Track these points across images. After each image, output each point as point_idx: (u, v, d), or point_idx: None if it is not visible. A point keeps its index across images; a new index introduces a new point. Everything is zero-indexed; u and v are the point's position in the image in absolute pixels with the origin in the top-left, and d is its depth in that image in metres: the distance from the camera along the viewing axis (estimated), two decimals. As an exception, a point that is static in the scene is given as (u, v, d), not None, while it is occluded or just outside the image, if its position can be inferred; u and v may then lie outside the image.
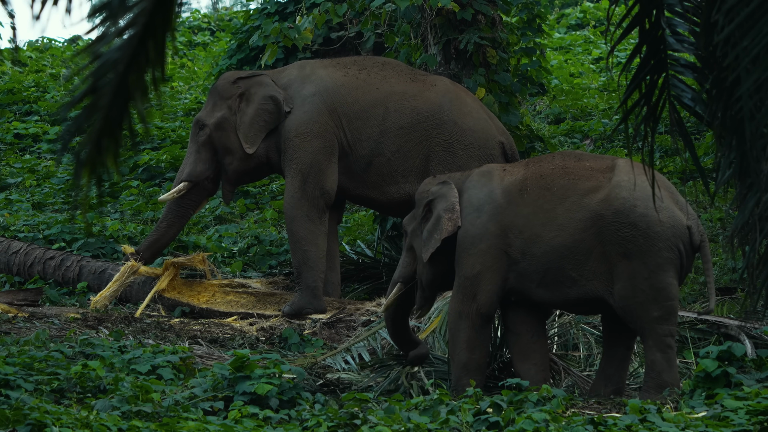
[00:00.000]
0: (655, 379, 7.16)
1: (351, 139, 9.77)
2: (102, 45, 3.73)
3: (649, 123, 5.38)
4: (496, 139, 9.80)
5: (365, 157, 9.77)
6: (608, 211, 7.20)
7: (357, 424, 6.18)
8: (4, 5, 4.05)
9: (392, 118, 9.77)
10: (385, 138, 9.75)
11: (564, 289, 7.27)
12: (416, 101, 9.81)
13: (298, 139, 9.72)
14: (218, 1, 25.20)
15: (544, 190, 7.36)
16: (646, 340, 7.21)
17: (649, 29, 5.34)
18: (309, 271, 9.64)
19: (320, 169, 9.69)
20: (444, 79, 10.10)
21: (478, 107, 9.95)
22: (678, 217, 7.21)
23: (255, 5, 19.26)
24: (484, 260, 7.39)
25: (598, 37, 19.47)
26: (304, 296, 9.60)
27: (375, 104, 9.81)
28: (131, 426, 5.91)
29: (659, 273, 7.16)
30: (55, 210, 12.41)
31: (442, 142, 9.74)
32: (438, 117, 9.77)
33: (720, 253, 10.53)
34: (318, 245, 9.70)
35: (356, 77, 9.89)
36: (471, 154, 9.71)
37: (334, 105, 9.78)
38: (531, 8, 11.68)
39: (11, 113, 15.45)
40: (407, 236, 7.75)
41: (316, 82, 9.84)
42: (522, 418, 6.07)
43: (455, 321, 7.48)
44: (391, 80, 9.91)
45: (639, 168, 7.33)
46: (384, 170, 9.76)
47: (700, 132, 13.06)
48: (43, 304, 10.09)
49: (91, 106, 3.76)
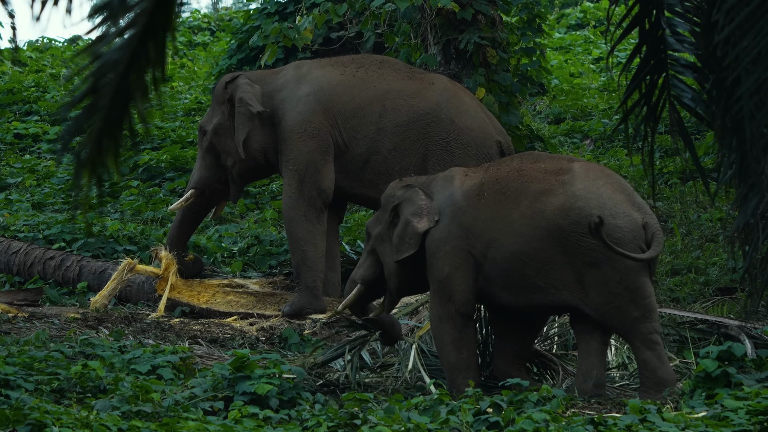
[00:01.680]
0: (651, 378, 7.16)
1: (347, 138, 9.76)
2: (102, 45, 3.74)
3: (649, 123, 5.39)
4: (493, 138, 9.79)
5: (362, 155, 9.76)
6: (566, 221, 7.20)
7: (357, 424, 6.18)
8: (4, 5, 4.05)
9: (389, 116, 9.76)
10: (381, 136, 9.73)
11: (529, 294, 7.29)
12: (413, 99, 9.79)
13: (293, 139, 9.72)
14: (218, 1, 25.21)
15: (499, 193, 7.38)
16: (633, 342, 7.21)
17: (649, 29, 5.35)
18: (308, 272, 9.65)
19: (316, 169, 9.69)
20: (442, 78, 10.07)
21: (476, 106, 9.93)
22: (634, 218, 7.20)
23: (255, 5, 19.25)
24: (452, 261, 7.41)
25: (598, 37, 19.48)
26: (303, 296, 9.60)
27: (371, 102, 9.79)
28: (131, 426, 5.90)
29: (631, 274, 7.16)
30: (55, 210, 12.41)
31: (439, 141, 9.73)
32: (435, 115, 9.75)
33: (720, 253, 10.53)
34: (316, 245, 9.71)
35: (353, 75, 9.87)
36: (469, 153, 9.70)
37: (330, 104, 9.76)
38: (531, 8, 11.69)
39: (11, 113, 15.45)
40: (370, 239, 7.75)
41: (311, 82, 9.83)
42: (522, 418, 6.07)
43: (437, 325, 7.51)
44: (389, 78, 9.89)
45: (594, 173, 7.33)
46: (381, 168, 9.75)
47: (700, 132, 13.07)
48: (43, 304, 10.09)
49: (91, 107, 3.76)
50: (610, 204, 7.20)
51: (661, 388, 7.12)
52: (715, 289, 9.90)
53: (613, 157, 13.46)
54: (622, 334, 7.29)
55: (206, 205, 10.24)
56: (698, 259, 10.47)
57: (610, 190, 7.24)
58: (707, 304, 9.57)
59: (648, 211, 7.28)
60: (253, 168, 9.92)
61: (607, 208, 7.18)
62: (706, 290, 9.94)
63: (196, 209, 10.20)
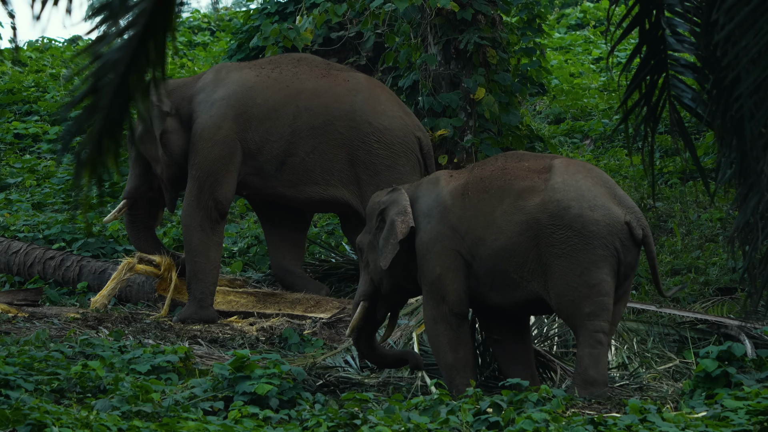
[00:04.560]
0: (582, 375, 7.17)
1: (260, 141, 9.62)
2: (102, 45, 3.74)
3: (649, 123, 5.39)
4: (413, 135, 9.70)
5: (277, 157, 9.64)
6: (544, 214, 7.22)
7: (357, 424, 6.18)
8: (5, 5, 4.05)
9: (303, 117, 9.64)
10: (297, 138, 9.62)
11: (510, 291, 7.31)
12: (326, 99, 9.67)
13: (201, 143, 9.62)
14: (218, 1, 25.20)
15: (483, 192, 7.40)
16: (578, 336, 7.24)
17: (649, 29, 5.35)
18: (197, 283, 9.59)
19: (216, 179, 9.58)
20: (358, 75, 9.94)
21: (393, 104, 9.79)
22: (615, 214, 7.21)
23: (255, 5, 19.25)
24: (442, 262, 7.42)
25: (598, 37, 19.48)
26: (190, 306, 9.58)
27: (285, 103, 9.68)
28: (131, 426, 5.90)
29: (592, 269, 7.17)
30: (55, 210, 12.41)
31: (362, 146, 9.62)
32: (351, 119, 9.64)
33: (720, 253, 10.53)
34: (209, 256, 9.63)
35: (268, 77, 9.75)
36: (395, 152, 9.63)
37: (243, 108, 9.64)
38: (531, 8, 11.69)
39: (11, 113, 15.45)
40: (363, 253, 7.73)
41: (227, 85, 9.71)
42: (522, 418, 6.07)
43: (432, 327, 7.51)
44: (302, 77, 9.76)
45: (574, 167, 7.35)
46: (299, 170, 9.63)
47: (700, 132, 13.06)
48: (43, 304, 10.09)
49: (91, 107, 3.76)
50: (589, 196, 7.22)
51: (588, 387, 7.12)
52: (715, 289, 9.90)
53: (613, 157, 13.47)
54: (571, 327, 7.33)
55: (147, 212, 10.10)
56: (698, 259, 10.47)
57: (590, 183, 7.27)
58: (707, 304, 9.57)
59: (631, 205, 7.29)
60: (180, 173, 9.78)
61: (585, 200, 7.20)
62: (706, 290, 9.94)
63: (140, 218, 10.08)
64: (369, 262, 7.68)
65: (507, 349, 7.56)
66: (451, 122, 11.22)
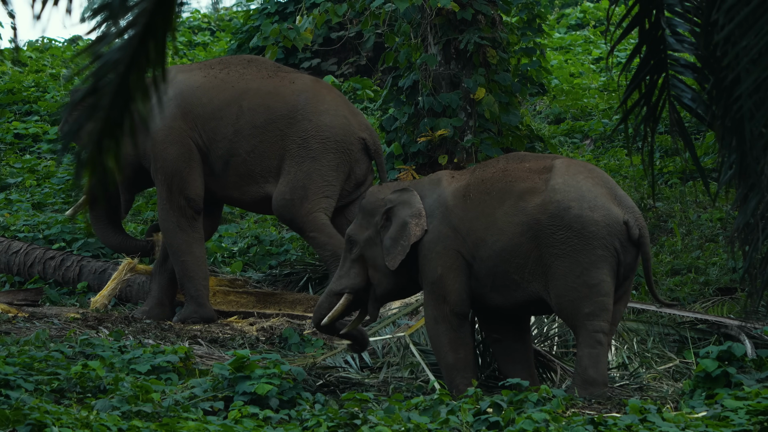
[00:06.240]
0: (581, 375, 7.18)
1: (207, 140, 9.66)
2: (102, 45, 3.74)
3: (649, 123, 5.39)
4: (356, 135, 9.69)
5: (222, 157, 9.66)
6: (544, 215, 7.23)
7: (357, 424, 6.18)
8: (5, 5, 4.05)
9: (246, 117, 9.64)
10: (239, 137, 9.64)
11: (511, 292, 7.32)
12: (270, 99, 9.67)
13: (157, 146, 9.63)
14: (218, 1, 25.20)
15: (485, 194, 7.41)
16: (577, 337, 7.25)
17: (649, 29, 5.35)
18: (189, 282, 9.65)
19: (182, 178, 9.63)
20: (304, 77, 9.96)
21: (337, 104, 9.77)
22: (614, 214, 7.22)
23: (255, 5, 19.25)
24: (444, 262, 7.42)
25: (598, 37, 19.48)
26: (189, 306, 9.65)
27: (229, 103, 9.69)
28: (131, 426, 5.91)
29: (592, 270, 7.17)
30: (55, 210, 12.41)
31: (296, 139, 9.62)
32: (292, 116, 9.65)
33: (720, 253, 10.53)
34: (194, 253, 9.67)
35: (215, 77, 9.77)
36: (328, 147, 9.60)
37: (189, 108, 9.66)
38: (531, 8, 11.69)
39: (11, 113, 15.45)
40: (355, 246, 7.69)
41: (174, 86, 9.73)
42: (522, 418, 6.07)
43: (433, 327, 7.51)
44: (248, 78, 9.77)
45: (575, 168, 7.36)
46: (241, 170, 9.65)
47: (700, 132, 13.06)
48: (43, 304, 10.10)
49: (91, 107, 3.76)
50: (589, 196, 7.22)
51: (588, 387, 7.13)
52: (715, 289, 9.90)
53: (613, 157, 13.47)
54: (571, 328, 7.34)
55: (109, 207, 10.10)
56: (698, 259, 10.47)
57: (590, 183, 7.27)
58: (707, 304, 9.57)
59: (631, 206, 7.29)
60: (133, 175, 9.80)
61: (585, 200, 7.21)
62: (706, 290, 9.94)
63: (103, 213, 10.12)
64: (364, 258, 7.65)
65: (507, 349, 7.57)
66: (451, 122, 11.22)
